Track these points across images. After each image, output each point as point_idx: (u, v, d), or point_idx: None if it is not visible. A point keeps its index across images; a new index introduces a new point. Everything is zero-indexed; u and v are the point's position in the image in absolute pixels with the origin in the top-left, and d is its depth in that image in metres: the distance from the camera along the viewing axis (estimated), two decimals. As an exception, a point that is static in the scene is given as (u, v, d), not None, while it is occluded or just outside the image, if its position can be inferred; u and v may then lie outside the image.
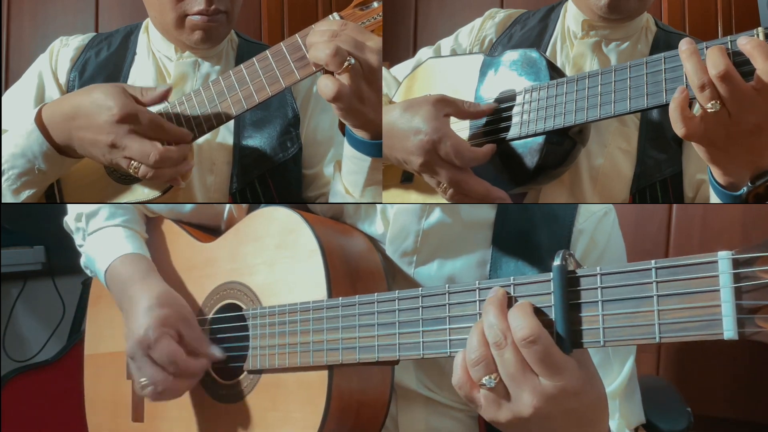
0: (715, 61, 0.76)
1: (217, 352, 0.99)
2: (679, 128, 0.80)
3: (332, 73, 0.91)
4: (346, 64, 0.89)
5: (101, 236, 1.11)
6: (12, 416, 1.93)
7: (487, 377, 0.67)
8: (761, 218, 1.71)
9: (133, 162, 0.97)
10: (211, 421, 1.01)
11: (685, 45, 0.80)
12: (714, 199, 0.88)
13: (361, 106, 0.93)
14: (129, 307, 1.01)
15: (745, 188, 0.83)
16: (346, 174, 1.02)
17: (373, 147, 0.97)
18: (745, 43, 0.76)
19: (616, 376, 0.95)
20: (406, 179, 1.07)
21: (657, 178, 1.05)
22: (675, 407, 1.34)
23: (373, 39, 0.91)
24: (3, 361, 2.11)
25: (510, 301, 0.69)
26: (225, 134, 1.15)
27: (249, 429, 0.96)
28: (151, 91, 1.00)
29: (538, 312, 0.68)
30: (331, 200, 1.07)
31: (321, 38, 0.91)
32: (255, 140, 1.15)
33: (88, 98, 0.99)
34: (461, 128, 1.04)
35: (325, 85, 0.91)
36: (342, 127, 1.03)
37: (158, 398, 0.97)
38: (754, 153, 0.80)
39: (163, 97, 1.00)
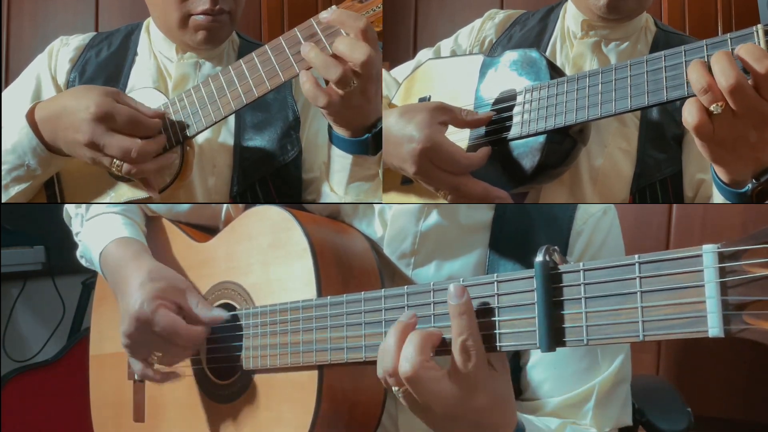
0: (724, 70, 0.75)
1: (218, 313, 0.97)
2: (692, 118, 0.77)
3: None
4: (348, 89, 0.90)
5: (98, 221, 1.11)
6: (12, 416, 1.94)
7: (395, 389, 0.73)
8: (761, 218, 1.71)
9: (115, 161, 0.98)
10: (208, 421, 1.02)
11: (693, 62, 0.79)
12: (718, 197, 0.88)
13: (347, 111, 0.94)
14: (122, 286, 1.01)
15: (750, 185, 0.82)
16: (331, 173, 1.03)
17: (354, 144, 0.98)
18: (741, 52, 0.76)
19: (601, 374, 0.94)
20: (406, 181, 1.07)
21: (657, 178, 1.05)
22: (675, 407, 1.34)
23: (376, 47, 0.91)
24: (3, 361, 2.11)
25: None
26: (226, 136, 1.14)
27: (243, 429, 0.96)
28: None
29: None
30: (319, 201, 1.07)
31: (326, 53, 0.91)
32: (256, 143, 1.14)
33: (72, 97, 1.00)
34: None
35: (315, 97, 0.92)
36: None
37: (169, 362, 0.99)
38: (756, 149, 0.80)
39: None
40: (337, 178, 1.02)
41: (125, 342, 0.99)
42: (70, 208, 1.17)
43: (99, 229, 1.11)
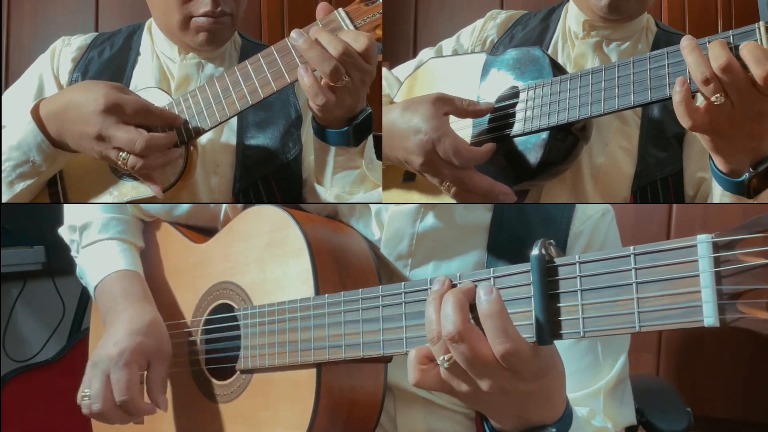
0: (717, 54, 0.78)
1: (162, 405, 0.99)
2: (685, 121, 0.82)
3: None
4: (341, 84, 0.93)
5: (94, 251, 1.12)
6: (12, 416, 1.93)
7: (441, 358, 0.67)
8: (761, 218, 1.71)
9: (121, 153, 0.97)
10: (208, 421, 1.02)
11: (686, 41, 0.82)
12: (716, 188, 0.89)
13: (336, 110, 0.97)
14: (113, 323, 1.03)
15: (747, 174, 0.84)
16: (316, 165, 1.05)
17: (335, 136, 1.00)
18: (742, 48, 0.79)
19: (605, 375, 0.95)
20: (408, 179, 1.07)
21: (658, 176, 1.05)
22: (675, 407, 1.34)
23: (374, 52, 0.93)
24: (3, 361, 2.11)
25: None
26: (228, 135, 1.15)
27: (242, 429, 0.96)
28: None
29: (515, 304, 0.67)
30: (311, 198, 1.09)
31: (325, 46, 0.93)
32: (258, 141, 1.15)
33: (78, 92, 1.00)
34: (465, 125, 1.05)
35: (315, 94, 0.94)
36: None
37: (91, 415, 0.98)
38: (755, 139, 0.82)
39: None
40: (320, 169, 1.04)
41: (87, 369, 1.01)
42: (63, 233, 1.17)
43: (94, 259, 1.11)
